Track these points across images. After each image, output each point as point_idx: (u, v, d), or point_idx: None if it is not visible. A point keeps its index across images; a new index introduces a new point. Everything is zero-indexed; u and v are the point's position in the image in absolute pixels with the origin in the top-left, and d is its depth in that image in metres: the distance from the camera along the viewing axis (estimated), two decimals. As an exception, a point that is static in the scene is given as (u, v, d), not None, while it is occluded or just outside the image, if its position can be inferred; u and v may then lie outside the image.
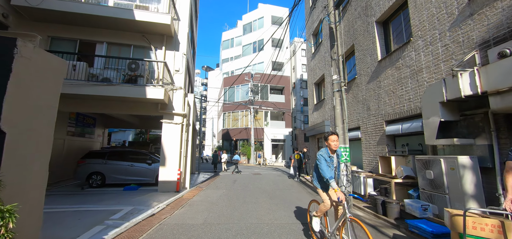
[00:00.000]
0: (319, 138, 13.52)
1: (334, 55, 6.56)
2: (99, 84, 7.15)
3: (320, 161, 3.31)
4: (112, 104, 8.00)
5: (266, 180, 12.04)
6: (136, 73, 7.87)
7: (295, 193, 8.44)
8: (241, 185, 10.08)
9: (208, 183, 10.55)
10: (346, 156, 6.10)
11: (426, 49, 5.50)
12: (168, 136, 8.18)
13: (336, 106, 6.36)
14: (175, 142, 8.19)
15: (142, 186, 8.87)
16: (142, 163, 8.93)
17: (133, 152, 9.38)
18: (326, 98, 12.09)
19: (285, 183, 11.07)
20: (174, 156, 8.10)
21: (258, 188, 9.37)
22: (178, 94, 8.51)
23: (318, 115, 13.37)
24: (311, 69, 14.87)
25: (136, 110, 8.16)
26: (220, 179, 12.05)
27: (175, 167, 8.04)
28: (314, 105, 14.14)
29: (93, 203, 6.11)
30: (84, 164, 8.68)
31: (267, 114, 31.46)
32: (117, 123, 13.93)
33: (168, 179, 7.95)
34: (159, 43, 8.68)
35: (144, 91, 7.28)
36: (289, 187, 9.84)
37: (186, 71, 9.33)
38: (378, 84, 7.42)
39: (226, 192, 8.36)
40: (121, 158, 8.97)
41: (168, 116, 8.28)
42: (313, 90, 14.40)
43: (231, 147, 31.94)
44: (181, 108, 8.41)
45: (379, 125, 7.36)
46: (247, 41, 36.67)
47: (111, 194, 7.56)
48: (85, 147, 11.46)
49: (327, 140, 3.42)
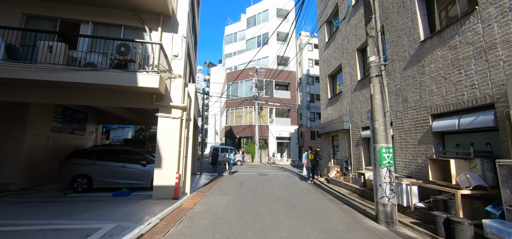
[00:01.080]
0: (334, 136, 12.19)
1: (372, 31, 5.21)
2: (81, 69, 5.87)
3: None
4: (98, 95, 6.74)
5: (275, 182, 10.75)
6: (126, 57, 6.59)
7: (315, 200, 7.14)
8: (249, 188, 8.80)
9: (211, 186, 9.30)
10: (388, 158, 4.77)
11: (503, 18, 4.13)
12: (165, 132, 6.92)
13: (375, 96, 5.02)
14: (173, 139, 6.92)
15: (136, 191, 7.64)
16: (135, 164, 7.68)
17: (125, 151, 8.13)
18: (344, 91, 10.73)
19: (299, 186, 9.78)
20: (171, 156, 6.83)
21: (270, 193, 8.08)
22: (177, 83, 7.23)
23: (333, 110, 12.02)
24: (324, 60, 13.49)
25: (127, 102, 6.89)
26: (224, 181, 10.80)
27: (172, 169, 6.78)
28: (328, 99, 12.78)
29: (69, 216, 4.87)
30: (68, 165, 7.45)
31: (272, 111, 30.16)
32: (112, 119, 12.71)
33: (165, 184, 6.69)
34: (154, 23, 7.39)
35: (135, 78, 6.00)
36: (305, 192, 8.54)
37: (186, 57, 8.03)
38: (421, 70, 6.06)
39: (233, 198, 7.09)
40: (111, 158, 7.73)
41: (164, 109, 7.00)
42: (327, 83, 13.03)
43: (235, 145, 30.70)
44: (180, 100, 7.13)
45: (421, 120, 6.00)
46: (251, 35, 35.28)
47: (97, 201, 6.33)
48: (75, 145, 10.25)
49: None
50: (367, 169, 8.37)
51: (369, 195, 7.06)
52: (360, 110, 9.22)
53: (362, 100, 9.16)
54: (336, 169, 10.70)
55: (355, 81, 9.77)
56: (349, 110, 10.21)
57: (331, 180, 10.27)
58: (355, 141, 9.62)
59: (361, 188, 7.71)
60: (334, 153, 12.26)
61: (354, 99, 9.76)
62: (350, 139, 10.01)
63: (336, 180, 9.91)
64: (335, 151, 12.19)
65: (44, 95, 6.48)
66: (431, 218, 4.58)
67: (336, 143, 12.04)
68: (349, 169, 9.75)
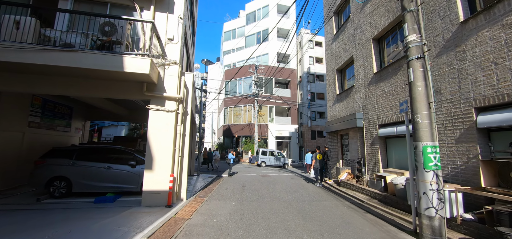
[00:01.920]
0: (344, 134, 11.27)
1: (411, 4, 4.27)
2: (55, 49, 4.82)
3: None
4: (77, 83, 5.68)
5: (280, 184, 9.79)
6: (111, 38, 5.55)
7: (331, 208, 6.19)
8: (252, 193, 7.82)
9: (211, 189, 8.29)
10: (435, 160, 3.84)
11: None
12: (157, 128, 5.90)
13: (416, 83, 4.07)
14: (167, 136, 5.90)
15: (123, 195, 6.60)
16: (123, 165, 6.63)
17: (112, 149, 7.08)
18: (356, 85, 9.81)
19: (307, 190, 8.83)
20: (164, 156, 5.81)
21: (277, 198, 7.11)
22: (172, 71, 6.21)
23: (342, 107, 11.11)
24: (332, 54, 12.58)
25: (112, 92, 5.85)
26: (224, 183, 9.80)
27: (166, 171, 5.76)
28: (336, 96, 11.87)
29: (28, 234, 3.82)
30: (43, 165, 6.37)
31: (272, 110, 29.21)
32: (101, 114, 11.61)
33: (156, 188, 5.67)
34: (146, 1, 6.36)
35: (120, 62, 4.97)
36: (317, 197, 7.59)
37: (182, 42, 7.02)
38: (461, 55, 5.15)
39: (237, 205, 6.10)
40: (95, 158, 6.67)
41: (157, 101, 5.98)
42: (335, 78, 12.12)
43: (233, 144, 29.69)
44: (176, 90, 6.11)
45: (461, 114, 5.10)
46: (251, 32, 34.27)
47: (74, 210, 5.28)
48: (58, 143, 9.14)
49: None
50: (387, 171, 7.46)
51: (393, 202, 6.14)
52: (377, 105, 8.31)
53: (379, 94, 8.25)
54: (346, 170, 9.78)
55: (370, 74, 8.86)
56: (362, 106, 9.29)
57: (342, 183, 9.35)
58: (370, 140, 8.71)
59: (382, 193, 6.78)
60: (343, 153, 11.35)
61: (369, 94, 8.85)
62: (363, 138, 9.10)
63: (348, 182, 8.99)
64: (344, 151, 11.28)
65: (12, 83, 5.41)
66: (488, 235, 3.66)
67: (345, 142, 11.14)
68: (363, 171, 8.84)
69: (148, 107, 5.90)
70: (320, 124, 30.07)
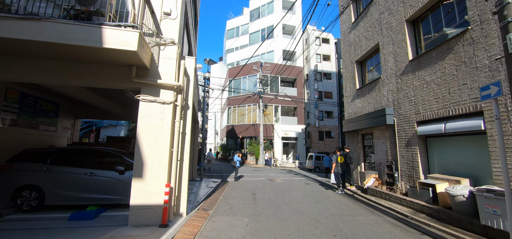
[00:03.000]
0: (366, 134, 9.90)
1: None
2: (10, 16, 3.58)
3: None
4: (46, 66, 4.43)
5: (296, 192, 8.46)
6: (89, 7, 4.31)
7: (372, 226, 4.85)
8: (266, 203, 6.50)
9: (216, 198, 6.99)
10: None
11: None
12: (150, 125, 4.62)
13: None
14: (162, 135, 4.62)
15: (109, 209, 5.33)
16: (109, 170, 5.35)
17: (96, 152, 5.82)
18: (384, 77, 8.46)
19: (331, 199, 7.48)
20: (159, 160, 4.53)
21: (299, 211, 5.79)
22: (169, 53, 4.94)
23: (365, 103, 9.75)
24: (350, 44, 11.24)
25: (92, 79, 4.59)
26: (231, 189, 8.49)
27: (160, 180, 4.48)
28: (356, 90, 10.52)
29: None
30: (11, 171, 5.13)
31: (278, 109, 27.91)
32: (92, 112, 10.40)
33: (148, 202, 4.38)
34: (136, -34, 5.12)
35: (98, 35, 3.70)
36: (346, 209, 6.24)
37: (183, 19, 5.75)
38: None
39: (252, 224, 4.78)
40: (75, 162, 5.41)
41: (150, 90, 4.70)
42: (354, 71, 10.77)
43: (237, 146, 28.40)
44: (173, 76, 4.83)
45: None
46: (255, 29, 33.06)
47: (39, 231, 4.02)
48: (40, 143, 7.93)
49: None
50: (432, 177, 6.09)
51: (453, 219, 4.77)
52: (414, 99, 6.95)
53: (417, 85, 6.90)
54: (373, 175, 8.42)
55: (403, 62, 7.51)
56: (393, 100, 7.93)
57: (369, 190, 7.99)
58: (404, 140, 7.34)
59: (430, 205, 5.41)
60: (366, 155, 9.99)
61: (402, 86, 7.50)
62: (395, 137, 7.74)
63: (376, 190, 7.63)
64: (367, 153, 9.92)
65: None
66: None
67: (369, 143, 9.77)
68: (396, 177, 7.47)
69: (138, 98, 4.63)
70: (328, 124, 28.71)
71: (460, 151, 5.80)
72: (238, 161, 11.57)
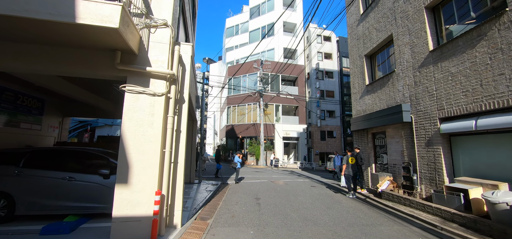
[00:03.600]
0: (378, 133, 9.19)
1: None
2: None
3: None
4: (14, 50, 3.69)
5: (303, 196, 7.74)
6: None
7: (396, 238, 4.14)
8: (272, 210, 5.78)
9: (216, 204, 6.26)
10: None
11: None
12: (137, 120, 3.89)
13: None
14: (152, 133, 3.89)
15: (92, 219, 4.59)
16: (91, 174, 4.61)
17: (77, 152, 5.08)
18: (399, 70, 7.76)
19: (342, 204, 6.76)
20: (148, 163, 3.80)
21: (311, 220, 5.07)
22: (160, 36, 4.21)
23: (375, 99, 9.05)
24: (358, 38, 10.54)
25: (68, 66, 3.85)
26: (232, 193, 7.75)
27: (149, 186, 3.74)
28: (366, 86, 9.82)
29: None
30: (-25, 175, 4.39)
31: (278, 109, 27.18)
32: (81, 109, 9.64)
33: (134, 214, 3.65)
34: None
35: (71, 8, 2.97)
36: (363, 217, 5.53)
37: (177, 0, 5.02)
38: None
39: (258, 237, 4.06)
40: (53, 164, 4.67)
41: (137, 79, 3.97)
42: (363, 66, 10.07)
43: (237, 146, 27.65)
44: (166, 64, 4.11)
45: None
46: (255, 26, 32.38)
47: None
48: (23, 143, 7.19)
49: None
50: (460, 181, 5.39)
51: (495, 231, 4.06)
52: (437, 93, 6.25)
53: (439, 78, 6.20)
54: (388, 178, 7.71)
55: (422, 53, 6.82)
56: (410, 95, 7.23)
57: (383, 194, 7.28)
58: (424, 139, 6.64)
59: (463, 213, 4.71)
60: (377, 155, 9.28)
61: (422, 79, 6.80)
62: (413, 136, 7.03)
63: (393, 194, 6.92)
64: (378, 153, 9.21)
65: None
66: None
67: (380, 142, 9.06)
68: (415, 179, 6.76)
69: (123, 89, 3.89)
70: (330, 123, 28.03)
71: (495, 151, 5.10)
72: (239, 162, 10.82)
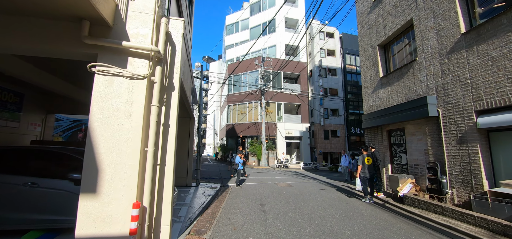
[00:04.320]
0: (394, 130, 8.29)
1: None
2: None
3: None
4: None
5: (314, 201, 6.84)
6: None
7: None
8: (281, 219, 4.89)
9: (214, 212, 5.36)
10: None
11: None
12: (110, 110, 3.00)
13: None
14: (131, 126, 2.99)
15: (60, 235, 3.70)
16: (59, 180, 3.73)
17: (44, 152, 4.19)
18: (421, 59, 6.86)
19: (360, 211, 5.86)
20: (124, 165, 2.90)
21: (330, 234, 4.17)
22: (141, 4, 3.31)
23: (392, 93, 8.16)
24: (370, 26, 9.65)
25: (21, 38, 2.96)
26: (233, 198, 6.86)
27: (125, 196, 2.85)
28: (379, 79, 8.93)
29: None
30: None
31: (280, 107, 26.28)
32: (69, 105, 8.76)
33: (104, 234, 2.75)
34: None
35: None
36: (389, 228, 4.62)
37: (166, -33, 4.13)
38: None
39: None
40: (11, 168, 3.78)
41: (111, 57, 3.07)
42: (376, 57, 9.18)
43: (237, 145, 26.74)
44: (149, 38, 3.21)
45: None
46: (255, 23, 31.51)
47: None
48: None
49: None
50: (509, 185, 4.49)
51: None
52: (473, 81, 5.35)
53: (475, 64, 5.30)
54: (410, 180, 6.81)
55: (452, 36, 5.92)
56: (437, 86, 6.34)
57: (406, 199, 6.37)
58: (455, 135, 5.75)
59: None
60: (393, 155, 8.38)
61: (452, 66, 5.90)
62: (440, 133, 6.14)
63: (418, 199, 6.02)
64: (395, 153, 8.32)
65: None
66: None
67: (397, 140, 8.17)
68: (444, 182, 5.86)
69: (92, 70, 3.00)
70: (333, 122, 27.14)
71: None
72: (240, 163, 9.93)
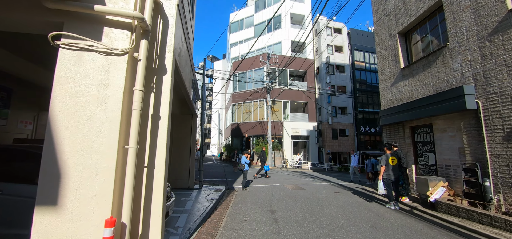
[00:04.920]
0: (419, 126, 7.40)
1: None
2: None
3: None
4: None
5: (329, 207, 6.03)
6: None
7: None
8: (298, 233, 4.11)
9: (218, 219, 4.62)
10: None
11: None
12: (79, 95, 2.27)
13: None
14: (106, 116, 2.26)
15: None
16: (26, 185, 3.05)
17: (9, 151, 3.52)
18: (454, 43, 5.96)
19: (388, 221, 5.02)
20: (95, 167, 2.16)
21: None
22: (124, -39, 2.59)
23: (416, 85, 7.28)
24: (389, 13, 8.76)
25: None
26: (239, 203, 6.10)
27: (96, 210, 2.11)
28: (400, 70, 8.05)
29: None
30: None
31: (287, 105, 25.44)
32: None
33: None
34: None
35: None
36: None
37: None
38: None
39: None
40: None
41: (80, 26, 2.34)
42: (397, 46, 8.29)
43: (243, 145, 26.05)
44: (130, 3, 2.49)
45: None
46: (260, 20, 30.75)
47: None
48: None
49: None
50: None
51: None
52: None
53: (529, 45, 4.42)
54: (442, 183, 5.92)
55: (496, 14, 5.02)
56: (475, 74, 5.44)
57: (439, 205, 5.49)
58: (501, 131, 4.86)
59: None
60: (418, 154, 7.49)
61: (496, 50, 5.00)
62: (481, 128, 5.24)
63: (455, 206, 5.14)
64: (420, 152, 7.43)
65: None
66: None
67: (423, 138, 7.27)
68: (487, 186, 4.97)
69: (56, 42, 2.29)
70: (342, 121, 26.19)
71: None
72: (246, 164, 9.16)
